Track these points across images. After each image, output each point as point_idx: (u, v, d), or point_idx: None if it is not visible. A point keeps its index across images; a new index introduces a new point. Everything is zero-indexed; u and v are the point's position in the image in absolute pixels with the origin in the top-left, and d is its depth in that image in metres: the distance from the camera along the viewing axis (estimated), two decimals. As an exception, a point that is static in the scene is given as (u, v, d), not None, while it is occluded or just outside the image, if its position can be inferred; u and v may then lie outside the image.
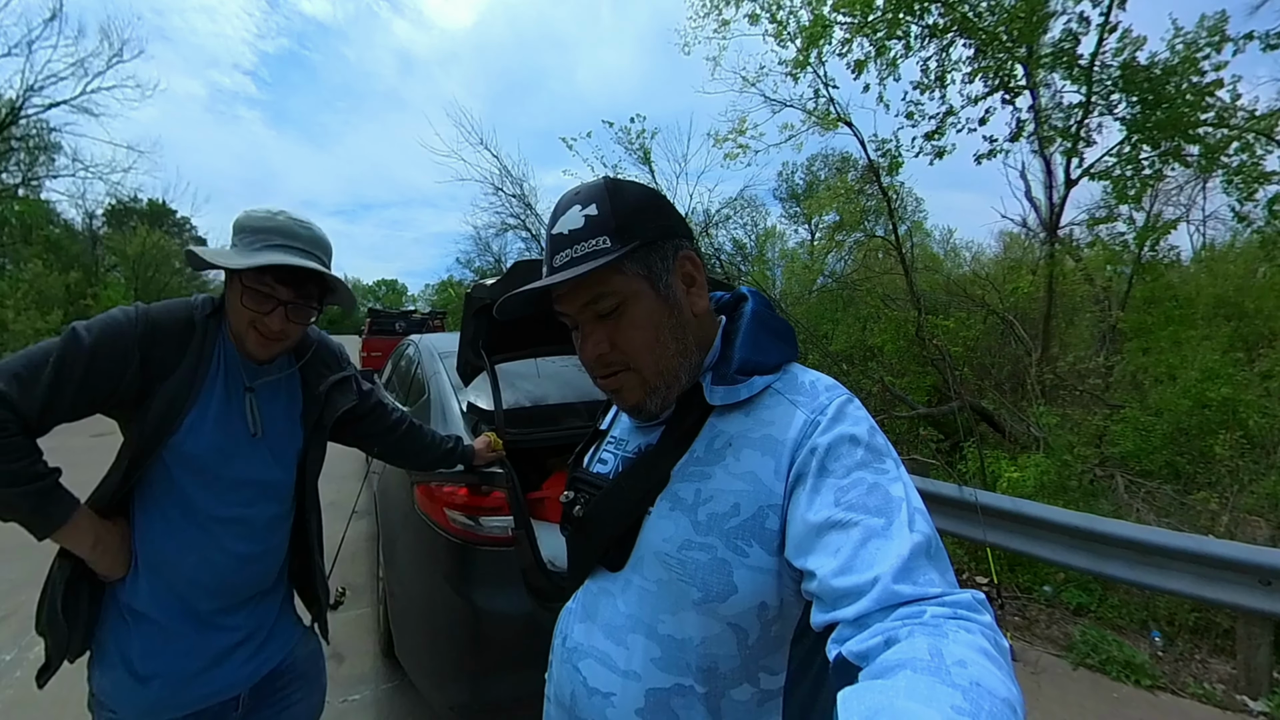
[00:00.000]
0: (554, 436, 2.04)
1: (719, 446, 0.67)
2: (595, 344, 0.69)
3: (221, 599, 1.05)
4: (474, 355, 2.00)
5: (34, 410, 0.88)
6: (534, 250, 14.09)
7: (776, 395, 0.67)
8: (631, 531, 0.70)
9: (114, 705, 0.98)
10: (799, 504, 0.59)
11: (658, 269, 0.69)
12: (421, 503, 1.84)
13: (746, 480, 0.63)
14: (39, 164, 16.56)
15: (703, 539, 0.64)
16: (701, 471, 0.67)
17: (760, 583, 0.62)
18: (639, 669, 0.66)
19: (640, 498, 0.70)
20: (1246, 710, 2.42)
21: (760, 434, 0.65)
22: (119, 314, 0.97)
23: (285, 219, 1.01)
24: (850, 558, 0.51)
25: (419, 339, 3.25)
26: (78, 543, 0.95)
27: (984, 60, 6.23)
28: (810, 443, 0.61)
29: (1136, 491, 4.39)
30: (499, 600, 1.68)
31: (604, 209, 0.67)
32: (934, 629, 0.43)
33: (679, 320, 0.70)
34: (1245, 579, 2.46)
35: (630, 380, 0.70)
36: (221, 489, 1.02)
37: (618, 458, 0.79)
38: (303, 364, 1.17)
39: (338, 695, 2.31)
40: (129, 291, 18.98)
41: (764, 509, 0.62)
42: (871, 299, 8.61)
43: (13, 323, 13.08)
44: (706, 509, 0.64)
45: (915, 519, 0.53)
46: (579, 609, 0.75)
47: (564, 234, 0.68)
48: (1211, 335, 6.94)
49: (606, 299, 0.68)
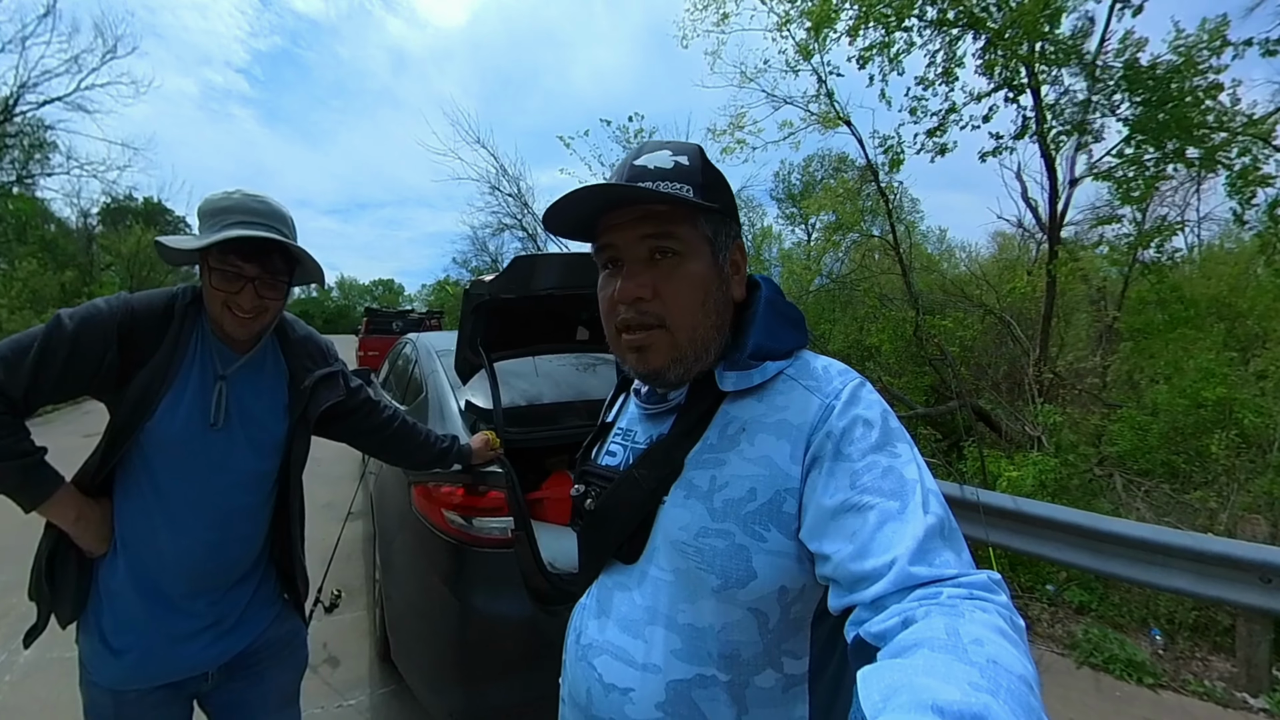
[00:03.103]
0: (553, 435, 2.01)
1: (732, 432, 0.66)
2: (639, 285, 0.66)
3: (190, 583, 1.07)
4: (472, 353, 1.97)
5: (19, 390, 0.93)
6: (531, 250, 14.07)
7: (789, 381, 0.67)
8: (645, 523, 0.69)
9: (92, 671, 1.06)
10: (814, 487, 0.58)
11: (721, 240, 0.69)
12: (419, 503, 1.81)
13: (762, 465, 0.62)
14: (33, 161, 16.44)
15: (719, 525, 0.63)
16: (716, 458, 0.66)
17: (779, 567, 0.61)
18: (659, 661, 0.64)
19: (654, 487, 0.68)
20: (1247, 707, 2.42)
21: (775, 419, 0.64)
22: (101, 302, 1.02)
23: (240, 196, 1.03)
24: (866, 541, 0.51)
25: (416, 337, 3.22)
26: (61, 516, 1.01)
27: (991, 54, 6.20)
28: (825, 427, 0.60)
29: (1135, 491, 4.41)
30: (497, 603, 1.64)
31: (694, 164, 0.67)
32: (950, 609, 0.44)
33: (723, 296, 0.69)
34: (1245, 577, 2.46)
35: (660, 340, 0.67)
36: (193, 475, 1.05)
37: (627, 449, 0.77)
38: (290, 357, 1.19)
39: (332, 700, 2.28)
40: (124, 290, 18.85)
41: (781, 493, 0.61)
42: (869, 299, 8.62)
43: (7, 321, 12.97)
44: (722, 495, 0.64)
45: (929, 500, 0.53)
46: (593, 605, 0.73)
47: (649, 168, 0.65)
48: (1206, 335, 6.96)
49: (670, 240, 0.66)
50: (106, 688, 1.05)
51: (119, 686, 1.05)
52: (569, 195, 0.64)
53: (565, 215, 0.68)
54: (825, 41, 6.94)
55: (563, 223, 0.70)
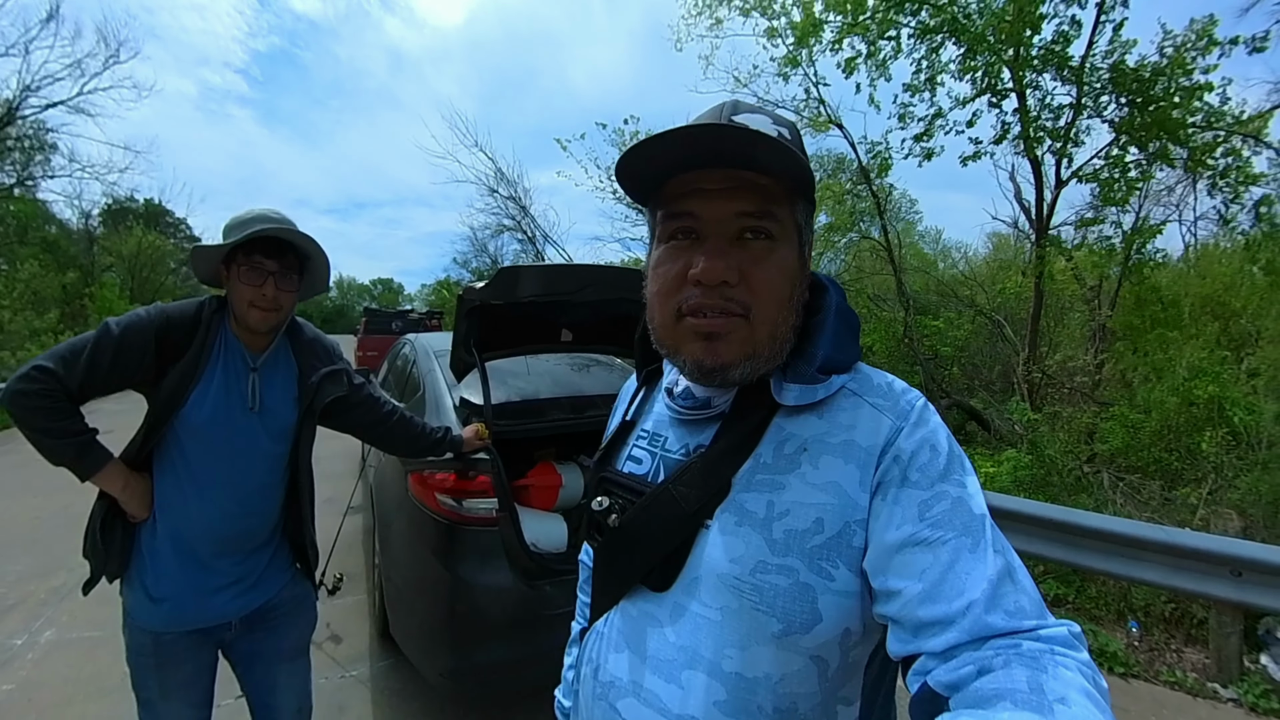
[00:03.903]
0: (539, 428, 2.19)
1: (790, 452, 0.58)
2: (726, 267, 0.55)
3: (216, 545, 1.28)
4: (466, 353, 2.09)
5: (75, 383, 1.13)
6: (530, 253, 14.14)
7: (854, 397, 0.59)
8: (681, 547, 0.60)
9: (135, 616, 1.26)
10: (879, 517, 0.53)
11: (806, 233, 0.61)
12: (415, 489, 1.96)
13: (830, 492, 0.55)
14: (35, 164, 16.55)
15: (781, 560, 0.54)
16: (773, 480, 0.57)
17: (846, 608, 0.54)
18: (697, 713, 0.56)
19: (696, 509, 0.59)
20: (1216, 697, 2.49)
21: (840, 439, 0.57)
22: (142, 311, 1.23)
23: (261, 210, 1.27)
24: (937, 581, 0.47)
25: (415, 338, 3.33)
26: (110, 485, 1.20)
27: (972, 61, 6.31)
28: (894, 450, 0.55)
29: (1121, 488, 4.47)
30: (482, 574, 1.81)
31: (795, 141, 0.58)
32: (1033, 661, 0.41)
33: (802, 293, 0.62)
34: (1217, 570, 2.54)
35: (739, 331, 0.57)
36: (218, 454, 1.25)
37: (656, 457, 0.68)
38: (299, 355, 1.38)
39: (336, 672, 2.50)
40: (124, 292, 18.96)
41: (850, 524, 0.54)
42: (861, 299, 8.71)
43: (9, 323, 13.05)
44: (783, 525, 0.55)
45: (997, 538, 0.49)
46: (613, 635, 0.64)
47: (749, 128, 0.54)
48: (1199, 334, 7.04)
49: (769, 221, 0.57)
50: (147, 630, 1.25)
51: (158, 629, 1.25)
52: (661, 135, 0.53)
53: (645, 164, 0.58)
54: (812, 52, 7.07)
55: (634, 175, 0.60)
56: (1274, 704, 2.38)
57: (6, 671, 2.45)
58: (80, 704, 2.25)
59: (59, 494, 4.76)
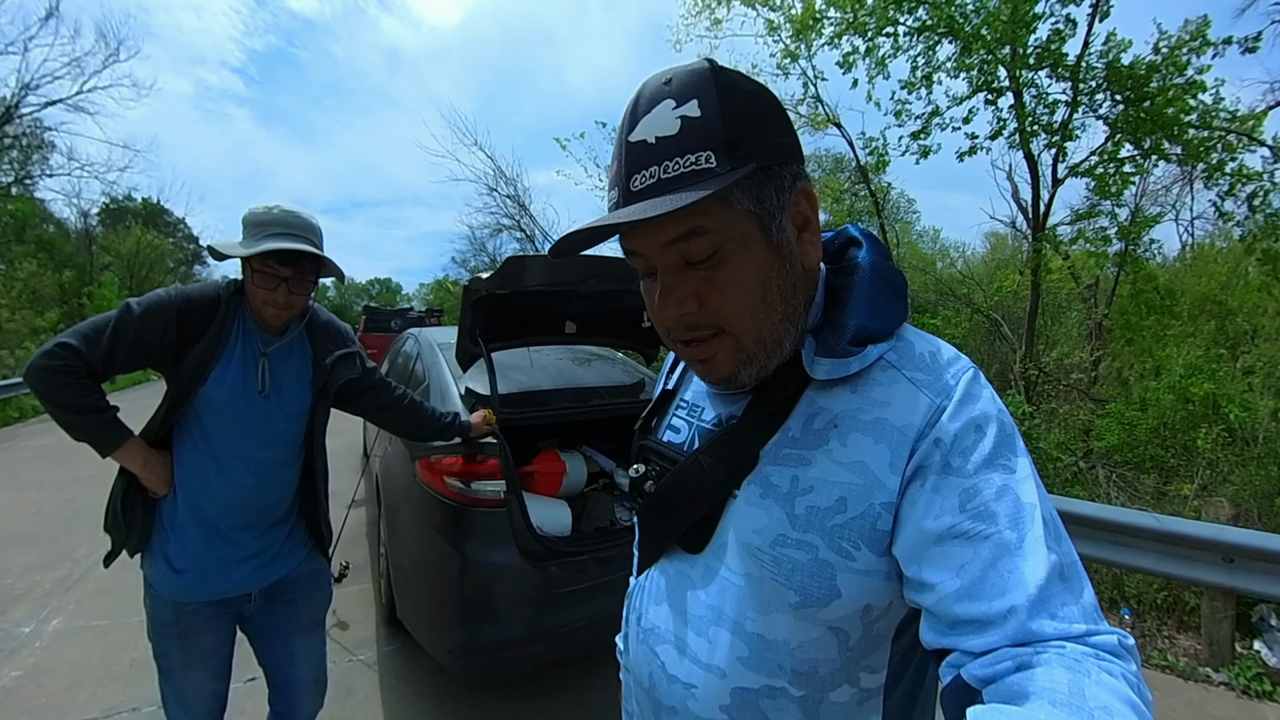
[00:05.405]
0: (544, 416, 2.23)
1: (819, 427, 0.56)
2: (679, 301, 0.54)
3: (234, 519, 1.31)
4: (471, 344, 2.12)
5: (97, 361, 1.16)
6: (529, 252, 14.16)
7: (891, 370, 0.55)
8: (712, 514, 0.61)
9: (158, 588, 1.29)
10: (915, 503, 0.50)
11: (772, 206, 0.53)
12: (423, 475, 2.00)
13: (855, 471, 0.53)
14: (33, 162, 16.54)
15: (801, 535, 0.54)
16: (799, 455, 0.56)
17: (867, 586, 0.53)
18: (723, 665, 0.58)
19: (724, 479, 0.60)
20: (1209, 680, 2.54)
21: (872, 416, 0.54)
22: (162, 292, 1.26)
23: (279, 211, 1.26)
24: (977, 578, 0.45)
25: (417, 332, 3.38)
26: (130, 461, 1.23)
27: (968, 58, 6.36)
28: (934, 432, 0.51)
29: (1115, 481, 4.52)
30: (490, 554, 1.85)
31: (709, 109, 0.50)
32: (1076, 664, 0.39)
33: (790, 275, 0.56)
34: (1209, 556, 2.58)
35: (724, 348, 0.56)
36: (237, 432, 1.28)
37: (693, 427, 0.69)
38: (314, 339, 1.41)
39: (344, 656, 2.55)
40: (122, 291, 18.96)
41: (875, 507, 0.52)
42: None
43: (7, 321, 13.07)
44: (805, 501, 0.55)
45: (1049, 530, 0.46)
46: (654, 589, 0.68)
47: (648, 143, 0.50)
48: (1196, 332, 7.08)
49: (702, 240, 0.52)
50: (169, 600, 1.28)
51: (180, 599, 1.28)
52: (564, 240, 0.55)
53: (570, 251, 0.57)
54: (811, 45, 7.10)
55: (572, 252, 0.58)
56: (1265, 686, 2.43)
57: (16, 659, 2.49)
58: (90, 688, 2.29)
59: (61, 488, 4.86)
